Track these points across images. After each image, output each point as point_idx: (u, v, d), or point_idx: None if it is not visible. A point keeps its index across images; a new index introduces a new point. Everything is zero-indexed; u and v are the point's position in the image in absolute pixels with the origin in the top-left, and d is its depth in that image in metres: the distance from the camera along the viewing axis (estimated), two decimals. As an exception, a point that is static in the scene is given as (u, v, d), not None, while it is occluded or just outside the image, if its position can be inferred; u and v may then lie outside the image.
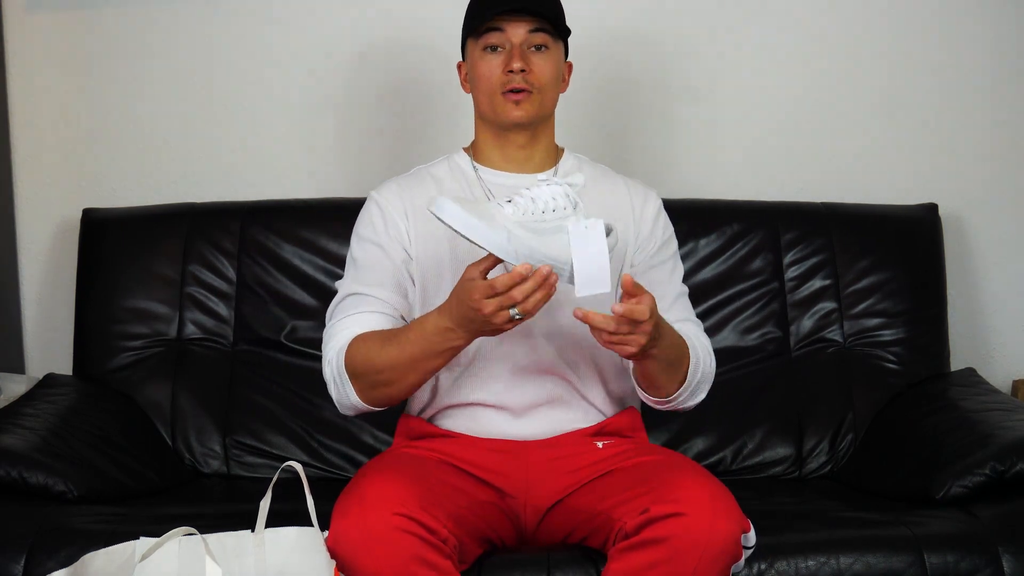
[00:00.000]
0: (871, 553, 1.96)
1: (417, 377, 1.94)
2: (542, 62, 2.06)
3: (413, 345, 1.90)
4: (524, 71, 2.04)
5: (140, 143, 2.83)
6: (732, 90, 2.83)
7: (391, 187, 2.13)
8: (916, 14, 2.80)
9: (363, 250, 2.08)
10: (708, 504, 1.78)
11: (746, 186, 2.80)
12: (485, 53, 2.06)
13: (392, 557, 1.74)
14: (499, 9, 2.04)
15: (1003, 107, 2.82)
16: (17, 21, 2.80)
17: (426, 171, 2.16)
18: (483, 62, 2.07)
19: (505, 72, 2.04)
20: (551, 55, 2.08)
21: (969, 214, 2.83)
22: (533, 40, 2.06)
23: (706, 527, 1.76)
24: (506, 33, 2.05)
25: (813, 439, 2.52)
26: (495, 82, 2.05)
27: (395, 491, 1.79)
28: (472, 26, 2.08)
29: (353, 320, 2.01)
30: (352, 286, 2.05)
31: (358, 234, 2.11)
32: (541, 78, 2.06)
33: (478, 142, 2.15)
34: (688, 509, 1.77)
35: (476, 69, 2.08)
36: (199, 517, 1.97)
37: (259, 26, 2.81)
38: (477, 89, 2.10)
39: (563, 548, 1.98)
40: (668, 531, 1.76)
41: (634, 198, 2.15)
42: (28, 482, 2.11)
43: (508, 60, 2.04)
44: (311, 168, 2.84)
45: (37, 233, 2.85)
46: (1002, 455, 2.10)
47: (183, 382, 2.56)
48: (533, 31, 2.05)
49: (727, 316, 2.60)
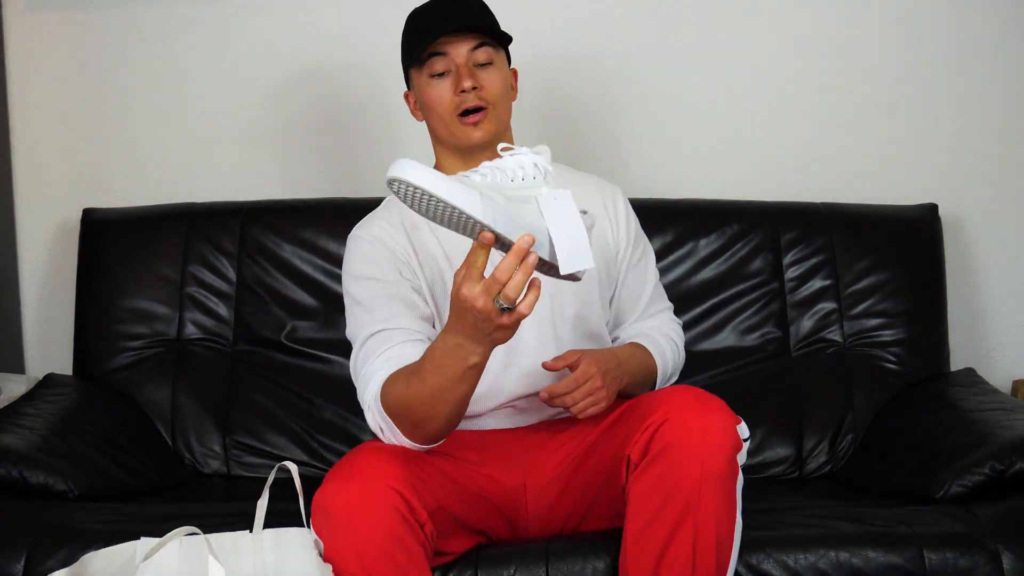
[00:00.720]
0: (871, 550, 1.96)
1: (448, 408, 1.83)
2: (491, 77, 2.06)
3: (432, 375, 1.80)
4: (476, 88, 2.03)
5: (140, 143, 2.83)
6: (732, 90, 2.83)
7: (373, 222, 2.09)
8: (916, 14, 2.80)
9: (363, 288, 2.01)
10: (695, 403, 1.82)
11: (746, 186, 2.80)
12: (432, 80, 2.06)
13: (372, 529, 1.73)
14: (436, 34, 2.03)
15: (1003, 107, 2.82)
16: (17, 21, 2.80)
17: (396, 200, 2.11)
18: (432, 88, 2.06)
19: (456, 93, 2.03)
20: (497, 68, 2.07)
21: (969, 214, 2.83)
22: (477, 58, 2.05)
23: (699, 424, 1.80)
24: (449, 56, 2.04)
25: (813, 439, 2.52)
26: (448, 106, 2.05)
27: (386, 466, 1.78)
28: (414, 55, 2.07)
29: (381, 361, 1.92)
30: (366, 328, 1.96)
31: (352, 274, 2.04)
32: (493, 92, 2.05)
33: (442, 164, 2.12)
34: (677, 414, 1.81)
35: (426, 97, 2.07)
36: (199, 517, 1.97)
37: (259, 25, 2.81)
38: (431, 116, 2.09)
39: (561, 539, 1.99)
40: (666, 440, 1.80)
41: (604, 196, 2.17)
42: (28, 481, 2.11)
43: (457, 81, 2.03)
44: (311, 168, 2.84)
45: (37, 233, 2.85)
46: (1001, 454, 2.11)
47: (183, 382, 2.56)
48: (475, 48, 2.05)
49: (727, 316, 2.60)
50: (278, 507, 1.90)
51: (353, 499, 1.74)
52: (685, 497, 1.78)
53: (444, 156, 2.12)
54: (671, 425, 1.80)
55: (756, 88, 2.82)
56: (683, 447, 1.79)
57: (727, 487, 1.81)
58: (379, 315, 1.96)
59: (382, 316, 1.96)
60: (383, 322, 1.95)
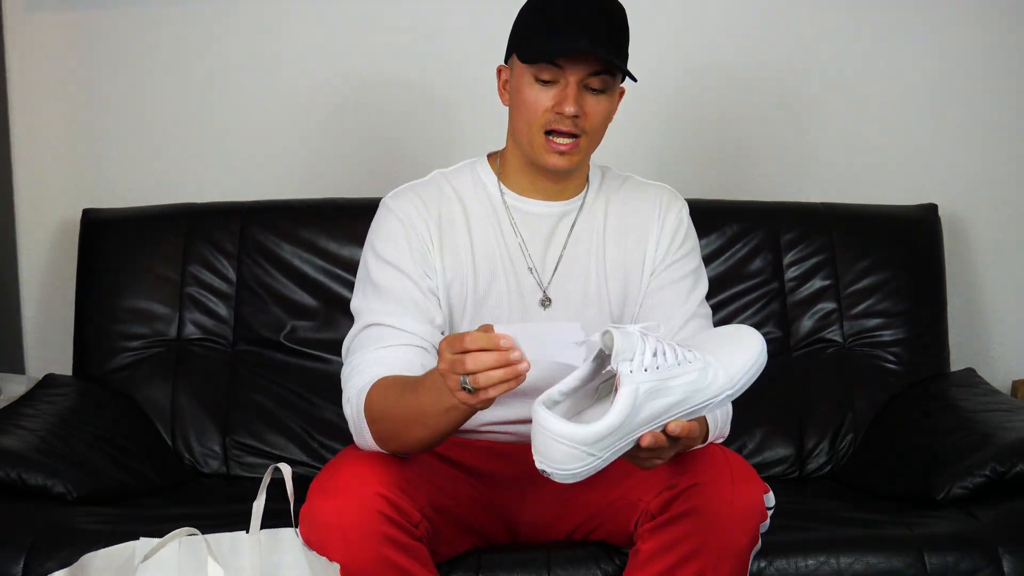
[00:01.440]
0: (871, 553, 1.96)
1: (426, 433, 1.72)
2: (598, 106, 1.87)
3: (419, 396, 1.70)
4: (576, 117, 1.85)
5: (140, 143, 2.83)
6: (732, 89, 2.83)
7: (410, 198, 1.95)
8: (916, 15, 2.80)
9: (383, 273, 1.90)
10: (727, 469, 1.77)
11: (746, 186, 2.80)
12: (535, 82, 1.86)
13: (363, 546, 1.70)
14: (560, 52, 1.83)
15: (1003, 107, 2.82)
16: (17, 21, 2.80)
17: (445, 180, 1.99)
18: (531, 89, 1.86)
19: (554, 111, 1.85)
20: (607, 97, 1.88)
21: (969, 214, 2.83)
22: (591, 82, 1.86)
23: (729, 492, 1.75)
24: (564, 71, 1.84)
25: (813, 439, 2.52)
26: (540, 116, 1.86)
27: (371, 472, 1.75)
28: (525, 51, 1.86)
29: (377, 357, 1.83)
30: (372, 314, 1.88)
31: (376, 252, 1.92)
32: (593, 122, 1.87)
33: (506, 160, 1.98)
34: (708, 478, 1.75)
35: (521, 93, 1.88)
36: (199, 517, 1.97)
37: (259, 25, 2.81)
38: (517, 112, 1.90)
39: (563, 546, 1.98)
40: (693, 502, 1.74)
41: (659, 206, 2.01)
42: (27, 483, 2.11)
43: (561, 99, 1.84)
44: (311, 168, 2.84)
45: (37, 233, 2.85)
46: (1002, 456, 2.10)
47: (183, 382, 2.56)
48: (594, 73, 1.85)
49: (727, 316, 2.60)
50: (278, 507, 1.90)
51: (342, 516, 1.71)
52: (701, 565, 1.75)
53: (513, 152, 1.96)
54: (701, 490, 1.75)
55: (756, 88, 2.82)
56: (709, 517, 1.74)
57: (744, 561, 1.79)
58: (388, 307, 1.87)
59: (389, 310, 1.87)
60: (388, 316, 1.87)
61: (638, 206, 2.01)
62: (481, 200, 1.98)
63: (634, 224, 2.00)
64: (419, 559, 1.76)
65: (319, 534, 1.73)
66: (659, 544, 1.77)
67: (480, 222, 1.97)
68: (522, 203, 1.98)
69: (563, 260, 1.98)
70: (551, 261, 1.98)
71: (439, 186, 1.98)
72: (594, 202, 2.01)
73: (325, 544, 1.72)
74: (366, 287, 1.92)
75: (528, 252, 1.98)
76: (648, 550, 1.78)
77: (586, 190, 2.02)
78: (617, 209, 2.00)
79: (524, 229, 1.98)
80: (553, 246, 1.98)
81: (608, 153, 2.08)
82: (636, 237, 1.99)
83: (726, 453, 1.82)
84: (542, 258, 1.98)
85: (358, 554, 1.71)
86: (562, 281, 1.97)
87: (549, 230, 1.98)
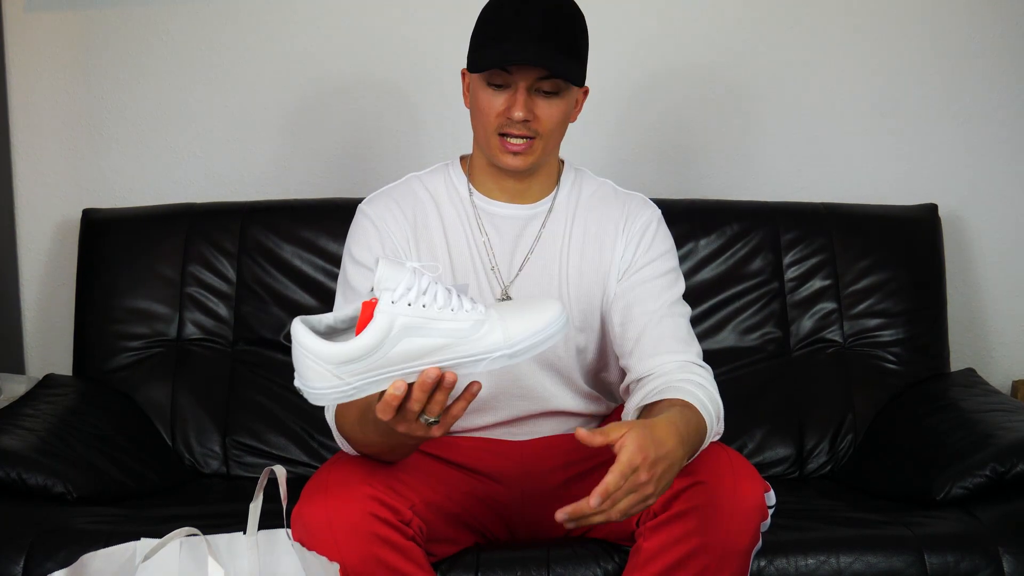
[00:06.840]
0: (871, 553, 1.96)
1: (401, 452, 1.80)
2: (550, 109, 1.89)
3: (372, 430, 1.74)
4: (527, 121, 1.88)
5: (140, 143, 2.83)
6: (732, 89, 2.83)
7: (384, 203, 2.00)
8: (915, 14, 2.80)
9: (360, 276, 1.94)
10: (728, 468, 1.78)
11: (746, 186, 2.80)
12: (488, 87, 1.89)
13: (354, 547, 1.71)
14: (508, 61, 1.85)
15: (1003, 108, 2.82)
16: (17, 21, 2.80)
17: (419, 182, 2.03)
18: (484, 94, 1.90)
19: (505, 115, 1.89)
20: (561, 99, 1.90)
21: (969, 214, 2.83)
22: (542, 85, 1.88)
23: (730, 491, 1.76)
24: (513, 75, 1.87)
25: (813, 439, 2.52)
26: (493, 120, 1.89)
27: (361, 474, 1.77)
28: (472, 63, 1.91)
29: None
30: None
31: (353, 256, 1.96)
32: (546, 125, 1.90)
33: (474, 164, 2.02)
34: (710, 476, 1.76)
35: (476, 98, 1.92)
36: (199, 517, 1.97)
37: (259, 25, 2.81)
38: (474, 116, 1.94)
39: (562, 543, 1.98)
40: (695, 501, 1.75)
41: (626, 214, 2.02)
42: (27, 483, 2.11)
43: (511, 104, 1.88)
44: (311, 168, 2.84)
45: (37, 233, 2.85)
46: (1002, 456, 2.11)
47: (183, 382, 2.56)
48: (544, 77, 1.87)
49: (727, 316, 2.60)
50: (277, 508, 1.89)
51: (332, 516, 1.72)
52: (703, 563, 1.75)
53: (478, 156, 2.00)
54: (703, 489, 1.75)
55: (756, 88, 2.82)
56: (711, 515, 1.74)
57: (745, 559, 1.79)
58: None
59: None
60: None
61: (606, 214, 2.02)
62: (454, 202, 2.02)
63: (598, 233, 2.01)
64: (412, 558, 1.77)
65: (310, 535, 1.74)
66: (661, 542, 1.78)
67: (453, 223, 2.01)
68: (489, 205, 2.02)
69: (528, 262, 2.00)
70: (517, 262, 2.01)
71: (413, 189, 2.03)
72: (563, 208, 2.02)
73: (316, 545, 1.73)
74: (346, 291, 1.97)
75: (492, 252, 2.00)
76: (650, 548, 1.78)
77: (555, 193, 2.03)
78: (584, 216, 2.02)
79: (491, 230, 2.01)
80: (520, 248, 2.01)
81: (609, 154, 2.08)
82: (600, 247, 2.01)
83: (727, 452, 1.83)
84: (508, 259, 2.00)
85: (349, 554, 1.72)
86: (524, 283, 2.00)
87: (517, 232, 2.01)
